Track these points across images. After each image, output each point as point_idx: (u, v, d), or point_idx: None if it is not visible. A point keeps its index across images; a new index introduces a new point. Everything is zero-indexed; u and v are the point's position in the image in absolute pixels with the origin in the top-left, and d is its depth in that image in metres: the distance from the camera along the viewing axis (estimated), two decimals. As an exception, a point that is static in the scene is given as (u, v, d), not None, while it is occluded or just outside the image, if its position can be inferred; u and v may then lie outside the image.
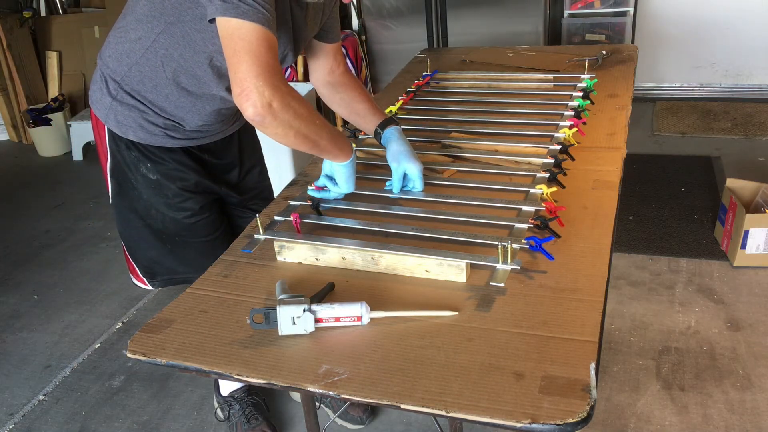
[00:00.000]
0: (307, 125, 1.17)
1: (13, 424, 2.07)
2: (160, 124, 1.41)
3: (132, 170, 1.46)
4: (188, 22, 1.26)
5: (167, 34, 1.29)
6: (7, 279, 2.88)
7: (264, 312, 1.03)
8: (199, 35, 1.27)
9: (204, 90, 1.37)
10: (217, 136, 1.53)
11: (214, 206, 1.58)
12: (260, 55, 1.09)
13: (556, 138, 1.59)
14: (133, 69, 1.35)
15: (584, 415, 0.83)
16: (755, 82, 4.03)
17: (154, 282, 1.62)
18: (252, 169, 1.70)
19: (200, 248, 1.55)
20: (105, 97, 1.41)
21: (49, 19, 4.51)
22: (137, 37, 1.32)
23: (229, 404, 1.89)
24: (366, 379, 0.93)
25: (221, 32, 1.11)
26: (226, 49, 1.11)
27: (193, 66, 1.32)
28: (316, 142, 1.22)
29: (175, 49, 1.30)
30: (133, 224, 1.53)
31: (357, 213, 1.37)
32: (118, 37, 1.37)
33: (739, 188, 2.50)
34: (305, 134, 1.18)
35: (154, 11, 1.28)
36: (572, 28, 3.85)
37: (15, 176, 4.01)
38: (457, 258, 1.14)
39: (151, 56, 1.32)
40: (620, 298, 2.33)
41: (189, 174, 1.49)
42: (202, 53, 1.30)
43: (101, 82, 1.42)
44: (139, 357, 1.03)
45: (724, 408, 1.83)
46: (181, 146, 1.46)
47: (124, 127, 1.41)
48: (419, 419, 1.89)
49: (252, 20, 1.09)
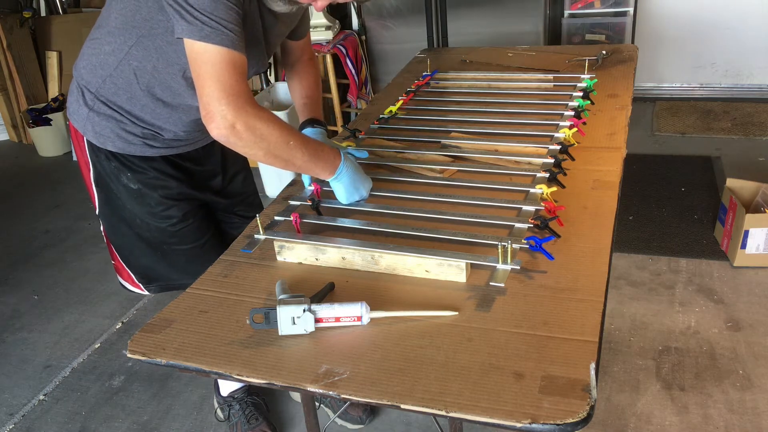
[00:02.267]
0: (276, 145, 1.19)
1: (13, 424, 2.07)
2: (138, 133, 1.40)
3: (113, 180, 1.46)
4: (160, 35, 1.25)
5: (140, 46, 1.28)
6: (7, 279, 2.88)
7: (264, 312, 1.03)
8: (170, 48, 1.27)
9: (179, 101, 1.37)
10: (197, 144, 1.52)
11: (199, 212, 1.57)
12: (223, 79, 1.11)
13: (556, 138, 1.59)
14: (107, 81, 1.35)
15: (584, 415, 0.83)
16: (755, 82, 4.03)
17: (150, 287, 1.62)
18: (236, 176, 1.69)
19: (188, 255, 1.55)
20: (82, 108, 1.40)
21: (49, 19, 4.50)
22: (111, 49, 1.32)
23: (229, 404, 1.89)
24: (366, 379, 0.93)
25: (187, 53, 1.13)
26: (192, 71, 1.13)
27: (167, 78, 1.32)
28: (289, 161, 1.23)
29: (148, 61, 1.30)
30: (122, 232, 1.53)
31: (357, 213, 1.37)
32: (92, 49, 1.37)
33: (739, 188, 2.50)
34: (275, 154, 1.20)
35: (126, 24, 1.27)
36: (572, 28, 3.84)
37: (15, 176, 4.01)
38: (457, 258, 1.14)
39: (124, 68, 1.32)
40: (620, 298, 2.32)
41: (170, 182, 1.48)
42: (175, 65, 1.30)
43: (77, 93, 1.41)
44: (139, 357, 1.03)
45: (724, 408, 1.83)
46: (160, 155, 1.46)
47: (102, 138, 1.41)
48: (419, 419, 1.89)
49: (216, 43, 1.10)
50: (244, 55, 1.16)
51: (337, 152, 1.34)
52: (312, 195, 1.42)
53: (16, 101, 4.39)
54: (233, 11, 1.12)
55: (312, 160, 1.28)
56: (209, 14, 1.10)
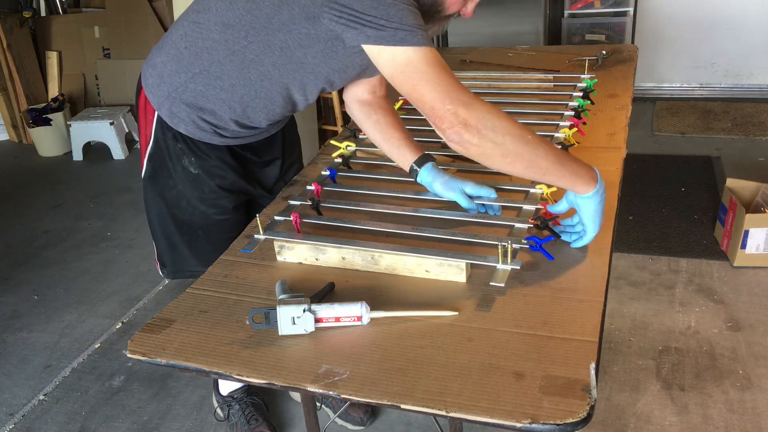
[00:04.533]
0: (514, 140, 1.07)
1: (13, 424, 2.07)
2: (212, 122, 1.39)
3: (173, 160, 1.45)
4: (294, 38, 1.22)
5: (262, 43, 1.24)
6: (7, 279, 2.88)
7: (264, 312, 1.03)
8: (301, 50, 1.24)
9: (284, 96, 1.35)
10: (263, 134, 1.51)
11: (243, 206, 1.58)
12: (438, 79, 1.08)
13: (556, 138, 1.59)
14: (214, 65, 1.30)
15: (584, 415, 0.83)
16: (755, 82, 4.03)
17: (164, 270, 1.62)
18: (292, 166, 1.68)
19: (219, 244, 1.53)
20: (164, 86, 1.37)
21: (49, 19, 4.51)
22: (223, 38, 1.26)
23: (228, 404, 1.89)
24: (366, 379, 0.93)
25: (392, 63, 1.11)
26: (395, 80, 1.12)
27: (284, 75, 1.29)
28: (533, 161, 1.09)
29: (267, 56, 1.26)
30: (156, 210, 1.53)
31: (357, 213, 1.37)
32: (197, 33, 1.30)
33: (739, 188, 2.50)
34: (516, 152, 1.08)
35: (254, 23, 1.22)
36: (572, 28, 3.85)
37: (15, 176, 4.01)
38: (457, 258, 1.14)
39: (235, 58, 1.27)
40: (620, 298, 2.32)
41: (228, 173, 1.48)
42: (298, 64, 1.27)
43: (163, 68, 1.36)
44: (139, 357, 1.03)
45: (724, 408, 1.83)
46: (226, 144, 1.45)
47: (176, 119, 1.39)
48: (419, 419, 1.89)
49: (414, 44, 1.09)
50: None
51: (586, 163, 1.15)
52: (312, 195, 1.42)
53: (16, 101, 4.39)
54: (416, 14, 1.11)
55: (561, 163, 1.11)
56: (398, 21, 1.08)
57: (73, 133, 4.09)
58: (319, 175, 1.54)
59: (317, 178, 1.52)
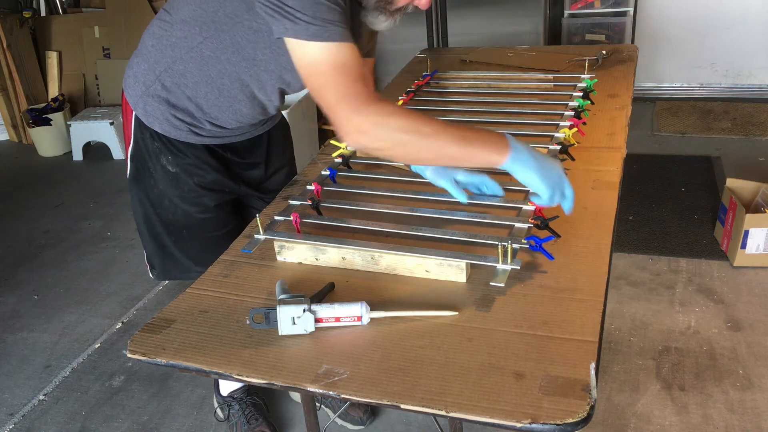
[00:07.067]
0: (414, 136, 1.09)
1: (13, 424, 2.07)
2: (186, 120, 1.40)
3: (152, 159, 1.46)
4: (241, 32, 1.25)
5: (216, 39, 1.27)
6: (7, 279, 2.88)
7: (264, 312, 1.03)
8: (249, 45, 1.26)
9: (244, 94, 1.36)
10: (244, 136, 1.52)
11: (229, 205, 1.58)
12: (338, 83, 1.09)
13: (556, 138, 1.59)
14: (177, 62, 1.33)
15: (584, 415, 0.83)
16: (755, 82, 4.03)
17: (154, 272, 1.62)
18: (280, 170, 1.68)
19: (205, 243, 1.54)
20: (138, 85, 1.40)
21: (49, 19, 4.51)
22: (183, 35, 1.31)
23: (228, 404, 1.89)
24: (366, 379, 0.93)
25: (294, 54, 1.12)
26: (301, 74, 1.12)
27: (239, 70, 1.31)
28: (441, 150, 1.10)
29: (222, 53, 1.29)
30: (141, 211, 1.53)
31: (357, 213, 1.37)
32: (162, 30, 1.35)
33: (739, 188, 2.50)
34: (420, 145, 1.10)
35: (204, 18, 1.26)
36: (572, 28, 3.85)
37: (15, 176, 4.01)
38: (457, 258, 1.14)
39: (195, 55, 1.31)
40: (620, 298, 2.33)
41: (208, 171, 1.48)
42: (250, 60, 1.29)
43: (138, 68, 1.40)
44: (139, 357, 1.03)
45: (724, 408, 1.83)
46: (203, 143, 1.46)
47: (150, 118, 1.41)
48: (419, 419, 1.89)
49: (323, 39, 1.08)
50: (353, 44, 1.11)
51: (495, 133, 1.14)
52: (312, 195, 1.42)
53: (16, 101, 4.39)
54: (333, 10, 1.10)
55: (467, 142, 1.10)
56: (311, 15, 1.08)
57: (73, 133, 4.09)
58: (319, 175, 1.54)
59: (317, 178, 1.52)
